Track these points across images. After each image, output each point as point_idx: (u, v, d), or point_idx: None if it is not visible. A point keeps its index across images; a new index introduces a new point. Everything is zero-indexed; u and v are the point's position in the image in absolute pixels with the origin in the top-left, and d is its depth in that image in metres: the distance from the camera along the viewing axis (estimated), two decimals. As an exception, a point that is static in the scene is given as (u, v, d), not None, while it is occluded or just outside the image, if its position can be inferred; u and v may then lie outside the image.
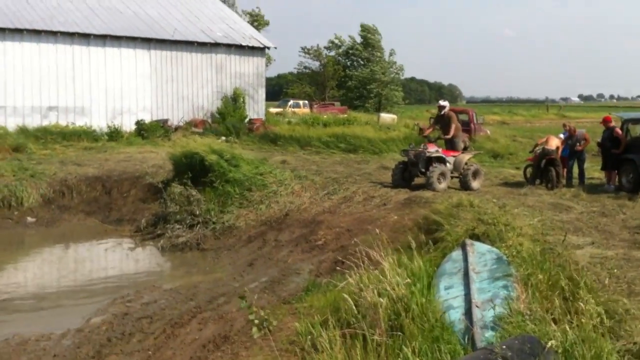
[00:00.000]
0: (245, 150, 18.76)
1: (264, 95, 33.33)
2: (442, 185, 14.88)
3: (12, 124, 22.71)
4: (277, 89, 74.28)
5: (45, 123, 23.65)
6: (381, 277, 6.91)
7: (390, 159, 19.82)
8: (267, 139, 25.41)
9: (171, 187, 15.17)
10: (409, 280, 6.75)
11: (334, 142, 24.09)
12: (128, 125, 25.54)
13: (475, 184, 15.39)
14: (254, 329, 5.99)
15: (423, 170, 15.07)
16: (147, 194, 16.43)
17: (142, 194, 16.51)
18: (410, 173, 15.58)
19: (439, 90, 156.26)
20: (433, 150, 15.20)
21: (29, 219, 15.19)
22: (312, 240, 12.59)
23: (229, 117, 29.10)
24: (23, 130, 21.89)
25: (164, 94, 28.53)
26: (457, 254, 8.12)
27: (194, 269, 11.84)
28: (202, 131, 26.07)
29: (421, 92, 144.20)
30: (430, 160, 15.07)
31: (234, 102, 30.63)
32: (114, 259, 13.02)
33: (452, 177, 15.54)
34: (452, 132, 15.75)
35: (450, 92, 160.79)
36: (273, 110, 40.29)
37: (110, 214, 15.97)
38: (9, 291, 10.69)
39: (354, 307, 6.60)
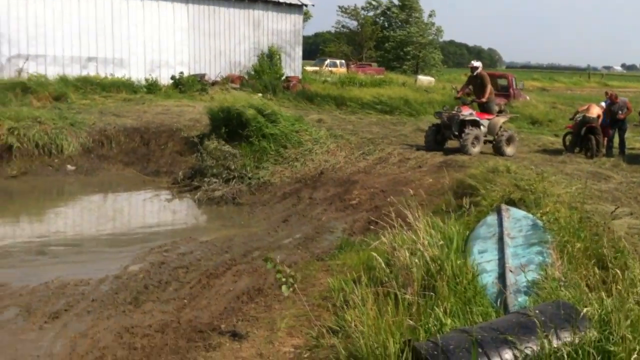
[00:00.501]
0: (282, 108, 18.75)
1: (300, 53, 33.13)
2: (476, 149, 14.64)
3: (52, 73, 22.92)
4: (314, 48, 73.70)
5: (84, 73, 23.80)
6: (415, 238, 6.94)
7: (426, 121, 19.65)
8: (303, 97, 25.34)
9: (208, 141, 15.33)
10: (442, 242, 6.78)
11: (370, 102, 23.93)
12: (166, 79, 25.63)
13: (509, 150, 15.04)
14: (284, 287, 6.10)
15: (456, 133, 14.81)
16: (184, 146, 16.59)
17: (179, 147, 16.67)
18: (443, 136, 15.33)
19: (478, 54, 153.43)
20: (467, 113, 14.86)
21: (69, 167, 15.47)
22: (346, 199, 12.66)
23: (265, 74, 29.01)
24: (63, 80, 22.07)
25: (202, 49, 28.52)
26: (492, 218, 8.11)
27: (229, 223, 12.00)
28: (238, 87, 26.09)
29: (460, 55, 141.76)
30: (463, 123, 14.78)
31: (270, 59, 30.48)
32: (151, 209, 13.24)
33: (485, 142, 15.20)
34: (486, 95, 15.32)
35: (489, 57, 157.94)
36: (309, 68, 40.08)
37: (148, 165, 16.18)
38: (49, 237, 10.98)
39: (386, 267, 6.67)
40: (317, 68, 41.52)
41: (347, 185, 13.38)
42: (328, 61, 46.75)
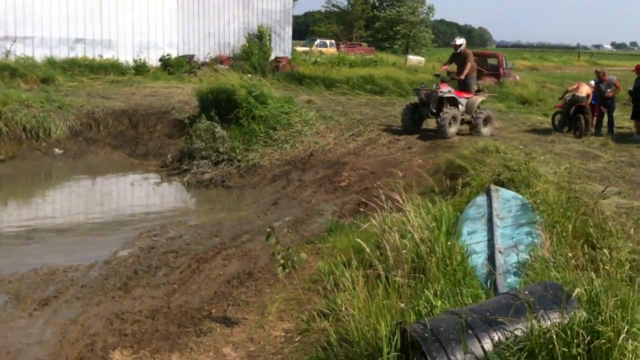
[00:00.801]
0: (271, 89, 18.64)
1: (290, 33, 32.95)
2: (453, 129, 14.32)
3: (39, 55, 22.71)
4: (303, 28, 73.23)
5: (72, 55, 23.60)
6: (404, 219, 6.93)
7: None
8: (292, 78, 25.20)
9: (197, 123, 15.23)
10: (433, 223, 6.78)
11: (360, 83, 23.82)
12: (154, 60, 25.44)
13: (486, 130, 14.76)
14: (280, 269, 6.09)
15: (434, 111, 14.46)
16: (172, 129, 16.48)
17: (168, 129, 16.56)
18: (421, 115, 15.04)
19: (468, 33, 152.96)
20: (446, 90, 14.53)
21: (57, 150, 15.36)
22: (336, 181, 12.65)
23: (254, 54, 28.85)
24: (50, 62, 21.87)
25: (190, 30, 28.31)
26: (481, 199, 8.12)
27: (219, 206, 11.97)
28: (227, 68, 25.91)
29: (450, 34, 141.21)
30: (442, 101, 14.45)
31: (260, 39, 30.32)
32: (140, 193, 13.18)
33: (462, 122, 14.90)
34: (465, 72, 15.00)
35: (480, 36, 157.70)
36: (299, 49, 39.83)
37: (137, 148, 16.07)
38: (37, 222, 10.91)
39: (375, 249, 6.67)
40: (307, 48, 41.24)
41: (337, 167, 13.36)
42: (318, 41, 46.45)
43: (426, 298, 5.16)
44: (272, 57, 29.93)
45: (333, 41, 48.78)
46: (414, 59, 39.23)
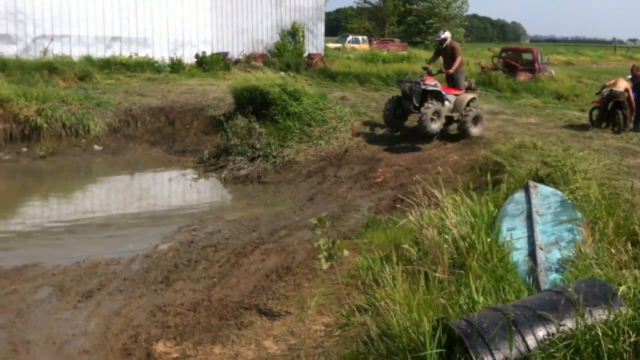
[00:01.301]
0: (304, 86, 18.70)
1: (323, 30, 32.94)
2: (435, 125, 13.47)
3: (76, 53, 23.05)
4: (335, 24, 73.28)
5: (108, 53, 23.94)
6: (442, 216, 6.94)
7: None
8: (325, 74, 25.20)
9: (232, 119, 15.37)
10: (471, 220, 6.77)
11: (393, 78, 23.75)
12: (189, 58, 25.68)
13: (475, 130, 13.88)
14: (323, 261, 6.14)
15: (417, 105, 13.66)
16: (208, 126, 16.66)
17: (204, 126, 16.74)
18: (404, 109, 14.20)
19: (501, 28, 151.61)
20: (431, 83, 13.71)
21: (96, 147, 15.62)
22: (371, 177, 12.69)
23: (287, 51, 29.00)
24: (88, 60, 22.20)
25: (224, 27, 28.50)
26: (519, 195, 8.06)
27: (255, 201, 12.08)
28: (261, 65, 26.04)
29: (483, 29, 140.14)
30: (425, 95, 13.64)
31: (292, 36, 30.44)
32: (178, 188, 13.34)
33: (450, 121, 14.14)
34: (455, 66, 14.17)
35: (513, 30, 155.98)
36: (332, 45, 39.84)
37: (174, 145, 16.27)
38: (78, 216, 11.12)
39: (414, 245, 6.69)
40: (339, 45, 41.23)
41: (372, 163, 13.39)
42: (350, 37, 46.41)
43: (468, 294, 5.17)
44: (305, 53, 30.00)
45: (365, 37, 48.69)
46: (447, 55, 38.89)
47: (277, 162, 13.99)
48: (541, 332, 4.24)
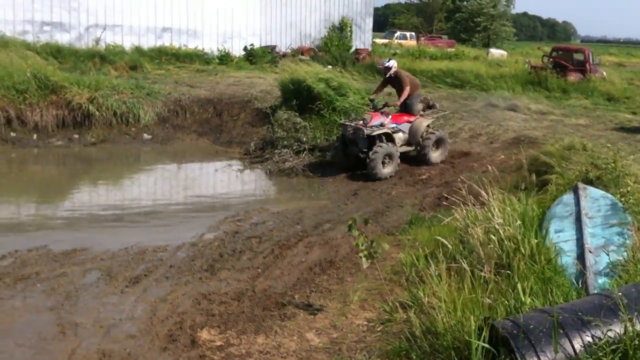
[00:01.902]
0: (351, 81, 18.70)
1: (371, 25, 32.86)
2: (388, 169, 12.35)
3: (128, 43, 23.51)
4: (382, 20, 72.99)
5: (159, 44, 24.35)
6: (489, 215, 6.87)
7: (499, 97, 19.30)
8: (372, 69, 25.15)
9: (279, 112, 15.47)
10: (519, 221, 6.69)
11: (440, 76, 23.60)
12: (237, 50, 25.93)
13: (435, 155, 13.03)
14: (363, 259, 6.14)
15: (365, 150, 12.35)
16: (255, 118, 16.80)
17: (251, 118, 16.89)
18: (352, 152, 12.81)
19: (551, 27, 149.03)
20: (377, 123, 12.45)
21: (145, 135, 15.90)
22: (416, 174, 12.64)
23: (335, 46, 29.01)
24: (138, 50, 22.64)
25: (273, 20, 28.66)
26: (568, 197, 7.93)
27: (299, 194, 12.13)
28: (308, 59, 26.11)
29: (533, 28, 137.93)
30: (373, 139, 12.40)
31: (340, 31, 30.44)
32: (223, 179, 13.47)
33: (409, 151, 13.13)
34: (402, 98, 12.90)
35: (564, 30, 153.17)
36: (379, 41, 39.71)
37: (221, 136, 16.46)
38: (126, 203, 11.34)
39: (459, 244, 6.65)
40: (386, 40, 41.09)
41: (417, 160, 13.31)
42: (398, 33, 46.19)
43: (515, 295, 5.12)
44: (353, 49, 29.97)
45: (413, 33, 48.40)
46: (495, 52, 38.50)
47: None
48: (588, 336, 4.18)
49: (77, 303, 6.69)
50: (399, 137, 12.88)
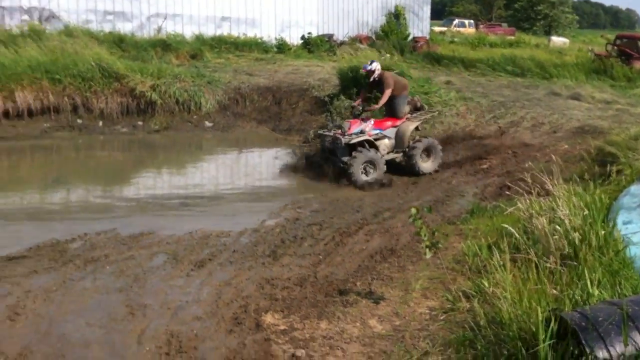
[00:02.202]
0: (409, 69, 18.61)
1: (429, 13, 32.57)
2: (372, 175, 11.33)
3: (188, 32, 23.89)
4: (440, 7, 72.04)
5: (218, 33, 24.65)
6: (553, 205, 6.78)
7: (561, 85, 18.90)
8: (430, 58, 24.97)
9: (337, 100, 15.52)
10: (585, 211, 6.58)
11: (500, 64, 23.22)
12: (295, 39, 26.04)
13: (426, 165, 12.00)
14: (426, 250, 6.14)
15: (345, 160, 11.34)
16: (314, 106, 16.89)
17: (309, 106, 16.99)
18: (334, 163, 11.65)
19: (614, 15, 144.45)
20: (356, 130, 11.51)
21: (207, 123, 16.20)
22: (477, 163, 12.52)
23: (392, 34, 28.85)
24: (199, 39, 22.98)
25: (330, 9, 28.66)
26: (636, 188, 7.76)
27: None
28: (366, 47, 26.06)
29: (595, 15, 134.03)
30: (353, 147, 11.42)
31: (397, 19, 30.23)
32: (284, 166, 13.60)
33: (398, 159, 12.14)
34: (383, 100, 11.92)
35: (627, 17, 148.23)
36: (437, 29, 39.29)
37: (280, 124, 16.63)
38: (190, 189, 11.59)
39: (523, 234, 6.58)
40: (444, 28, 40.63)
41: (478, 149, 13.19)
42: (456, 21, 45.59)
43: (582, 286, 5.06)
44: (410, 37, 29.75)
45: (472, 21, 47.68)
46: (557, 40, 37.66)
47: (381, 144, 13.99)
48: (660, 329, 4.11)
49: (145, 285, 6.87)
50: (384, 143, 11.91)
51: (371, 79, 12.19)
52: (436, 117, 15.07)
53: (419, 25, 31.68)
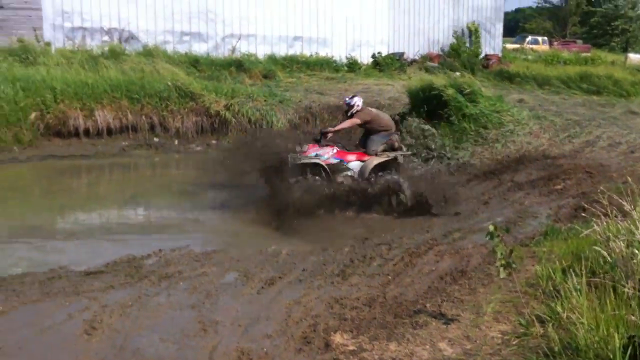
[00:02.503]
0: (481, 87, 18.38)
1: (501, 30, 32.16)
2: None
3: (261, 52, 24.39)
4: (512, 24, 70.96)
5: (290, 52, 25.07)
6: (632, 228, 6.56)
7: (639, 104, 18.32)
8: (502, 76, 24.64)
9: (407, 119, 15.47)
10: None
11: (575, 81, 22.70)
12: (365, 57, 26.20)
13: (394, 203, 11.08)
14: (501, 269, 6.03)
15: (291, 180, 10.83)
16: (383, 125, 16.87)
17: (380, 125, 16.98)
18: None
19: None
20: (311, 154, 11.08)
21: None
22: (550, 184, 12.21)
23: (463, 52, 28.62)
24: (271, 59, 23.43)
25: (400, 27, 28.69)
26: None
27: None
28: (437, 65, 25.93)
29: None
30: (304, 169, 11.05)
31: (469, 36, 29.98)
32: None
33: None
34: (340, 126, 11.95)
35: None
36: (510, 46, 38.73)
37: (350, 143, 16.40)
38: (260, 207, 11.70)
39: (603, 256, 6.39)
40: (517, 45, 40.00)
41: (551, 169, 12.89)
42: (529, 38, 44.80)
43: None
44: (482, 54, 29.44)
45: (545, 38, 46.75)
46: (635, 57, 36.46)
47: (451, 163, 13.89)
48: None
49: (216, 302, 6.99)
50: (345, 175, 11.37)
51: (349, 114, 11.91)
52: (507, 136, 14.84)
53: (491, 42, 31.32)
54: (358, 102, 11.88)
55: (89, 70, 17.07)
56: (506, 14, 44.64)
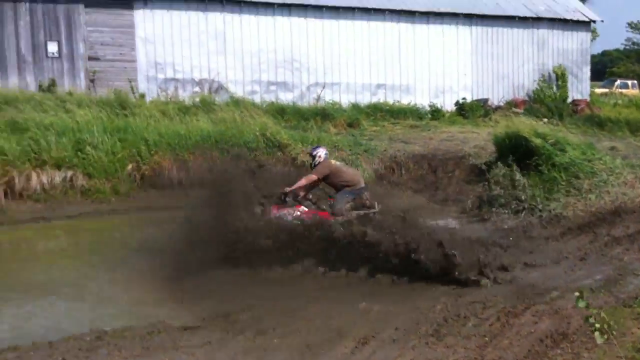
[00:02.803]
0: (569, 134, 17.95)
1: (588, 74, 31.35)
2: None
3: (345, 100, 24.68)
4: (599, 67, 69.28)
5: (374, 100, 25.23)
6: None
7: None
8: (592, 122, 23.97)
9: (494, 169, 15.20)
10: None
11: (668, 127, 21.88)
12: (449, 104, 26.07)
13: None
14: (597, 334, 5.79)
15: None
16: (470, 175, 16.71)
17: (466, 175, 16.84)
18: None
19: None
20: (275, 215, 10.64)
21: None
22: (651, 238, 11.71)
23: (549, 97, 28.05)
24: (355, 107, 23.65)
25: (484, 72, 28.44)
26: None
27: (521, 257, 11.70)
28: (522, 111, 25.51)
29: None
30: None
31: (555, 81, 29.40)
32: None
33: None
34: (296, 184, 11.13)
35: None
36: (598, 90, 37.74)
37: (436, 193, 16.53)
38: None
39: None
40: (606, 90, 38.93)
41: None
42: (618, 82, 43.55)
43: None
44: (569, 99, 28.79)
45: (635, 82, 45.33)
46: None
47: (543, 216, 13.45)
48: None
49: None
50: None
51: (312, 165, 11.51)
52: (601, 186, 14.35)
53: (578, 87, 30.57)
54: (321, 152, 11.44)
55: (181, 122, 17.64)
56: (592, 57, 43.69)
